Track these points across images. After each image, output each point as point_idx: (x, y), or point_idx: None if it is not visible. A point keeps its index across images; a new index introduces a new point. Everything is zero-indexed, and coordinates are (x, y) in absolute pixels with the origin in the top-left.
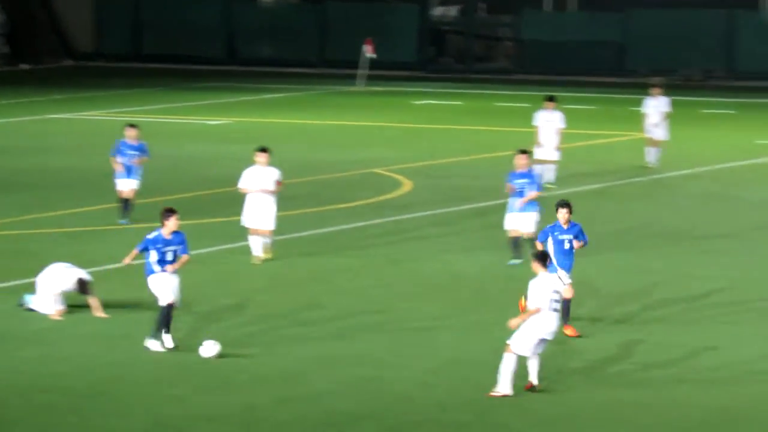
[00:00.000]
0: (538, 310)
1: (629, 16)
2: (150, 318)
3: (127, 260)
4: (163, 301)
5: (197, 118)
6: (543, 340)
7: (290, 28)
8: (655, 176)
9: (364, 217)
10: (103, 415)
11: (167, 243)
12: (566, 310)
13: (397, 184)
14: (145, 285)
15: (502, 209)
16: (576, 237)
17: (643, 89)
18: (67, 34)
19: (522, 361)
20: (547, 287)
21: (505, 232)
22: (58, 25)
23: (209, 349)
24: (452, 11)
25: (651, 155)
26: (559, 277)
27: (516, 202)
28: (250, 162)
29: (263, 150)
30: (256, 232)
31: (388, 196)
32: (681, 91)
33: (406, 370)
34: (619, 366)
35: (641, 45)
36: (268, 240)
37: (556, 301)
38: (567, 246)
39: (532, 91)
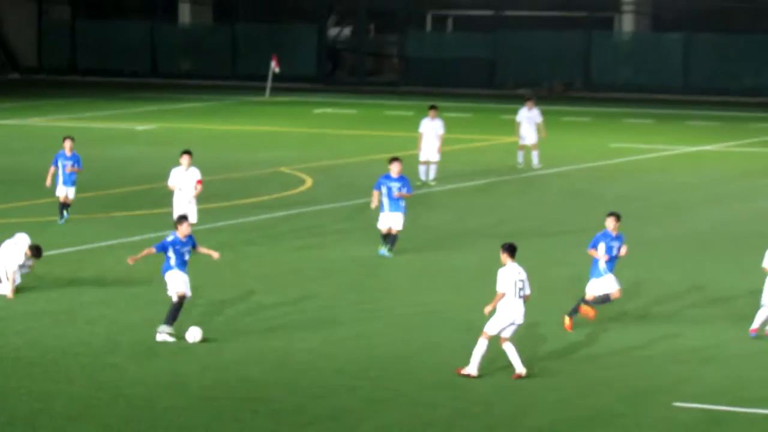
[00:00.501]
0: (503, 295)
1: (498, 36)
2: (88, 295)
3: (131, 260)
4: (176, 295)
5: (126, 123)
6: (512, 324)
7: (205, 46)
8: (525, 175)
9: (272, 210)
10: (52, 381)
11: (183, 244)
12: (602, 300)
13: (300, 182)
14: (81, 267)
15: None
16: (621, 244)
17: (511, 99)
18: (13, 51)
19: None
20: (513, 276)
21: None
22: (5, 43)
23: (194, 334)
24: (346, 32)
25: (534, 158)
26: (610, 282)
27: (376, 203)
28: (174, 161)
29: (187, 152)
30: None
31: (293, 191)
32: (545, 101)
33: (310, 341)
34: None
35: (509, 61)
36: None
37: (521, 288)
38: (615, 252)
39: (416, 101)
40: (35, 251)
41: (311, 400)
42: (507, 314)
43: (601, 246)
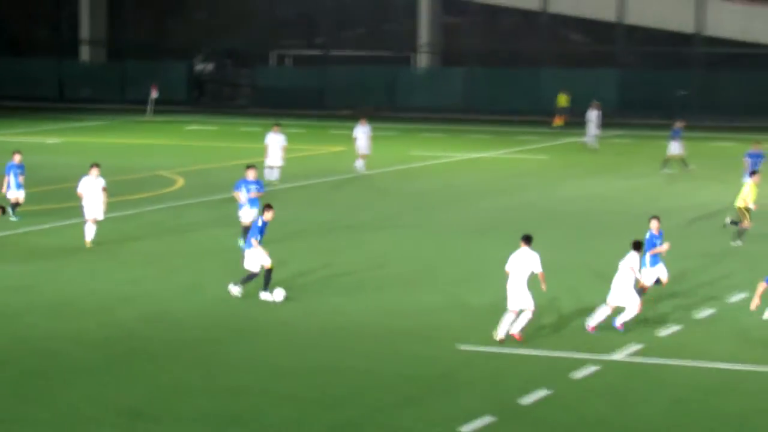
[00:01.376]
0: (508, 272)
1: (326, 70)
2: (10, 269)
3: (257, 248)
4: (268, 264)
5: (38, 138)
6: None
7: (101, 78)
8: (347, 176)
9: (154, 204)
10: None
11: (264, 227)
12: (641, 292)
13: (174, 182)
14: (3, 249)
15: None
16: (662, 240)
17: (335, 119)
18: None
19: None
20: (517, 258)
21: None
22: None
23: (278, 294)
24: (209, 67)
25: (360, 165)
26: (660, 271)
27: (244, 199)
28: (75, 168)
29: (96, 165)
30: (91, 222)
31: (169, 189)
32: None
33: (185, 304)
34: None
35: (334, 89)
36: (95, 226)
37: (520, 269)
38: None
39: (263, 120)
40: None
41: (183, 348)
42: (510, 290)
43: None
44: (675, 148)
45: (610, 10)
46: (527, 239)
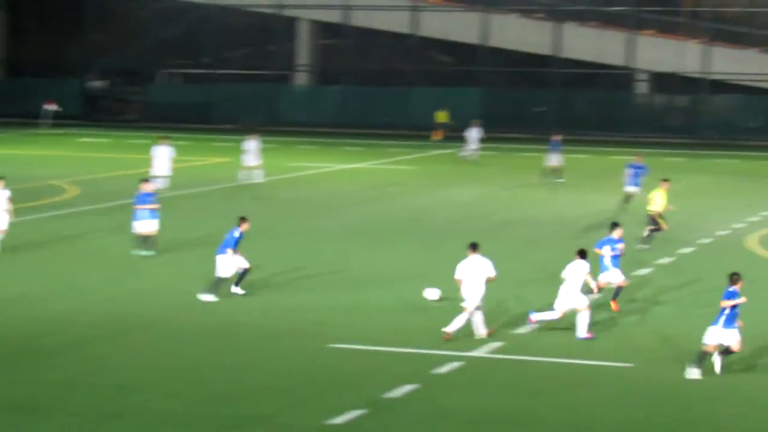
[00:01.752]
0: (460, 280)
1: (213, 87)
2: None
3: (232, 256)
4: (245, 266)
5: None
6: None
7: (1, 93)
8: (233, 184)
9: (47, 211)
10: None
11: (241, 237)
12: (617, 292)
13: (67, 191)
14: None
15: (131, 206)
16: (622, 245)
17: (221, 132)
18: None
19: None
20: (466, 265)
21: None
22: None
23: (432, 293)
24: (102, 84)
25: (251, 176)
26: (618, 274)
27: (142, 212)
28: None
29: (1, 178)
30: None
31: (62, 197)
32: (240, 134)
33: (76, 306)
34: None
35: (220, 105)
36: (1, 236)
37: (476, 275)
38: (617, 252)
39: (153, 133)
40: None
41: (72, 347)
42: (468, 294)
43: (606, 248)
44: (553, 159)
45: (474, 34)
46: (474, 246)
